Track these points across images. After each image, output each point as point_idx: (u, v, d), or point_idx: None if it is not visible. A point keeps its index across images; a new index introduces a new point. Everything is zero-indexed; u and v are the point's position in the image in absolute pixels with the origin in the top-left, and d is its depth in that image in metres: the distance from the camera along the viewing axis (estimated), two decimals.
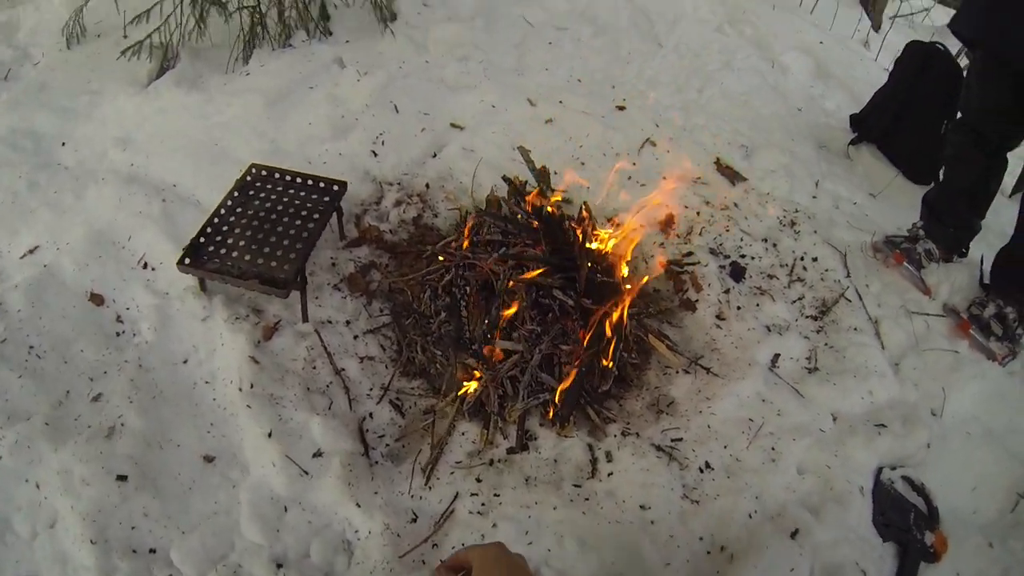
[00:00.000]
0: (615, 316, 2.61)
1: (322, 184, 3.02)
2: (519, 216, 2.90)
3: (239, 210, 2.90)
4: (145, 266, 2.95)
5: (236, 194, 2.96)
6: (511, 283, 2.63)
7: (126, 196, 3.13)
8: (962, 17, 3.04)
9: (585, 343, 2.56)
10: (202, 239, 2.75)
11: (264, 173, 3.06)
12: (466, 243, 2.93)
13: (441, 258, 2.96)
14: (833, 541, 2.32)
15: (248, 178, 3.04)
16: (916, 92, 3.89)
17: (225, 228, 2.82)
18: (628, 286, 2.78)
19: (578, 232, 2.84)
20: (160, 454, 2.38)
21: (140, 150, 3.41)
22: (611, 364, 2.65)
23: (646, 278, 3.00)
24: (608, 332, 2.60)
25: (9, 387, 2.47)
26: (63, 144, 3.56)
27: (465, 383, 2.61)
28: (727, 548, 2.30)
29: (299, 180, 3.04)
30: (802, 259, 3.29)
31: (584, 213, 3.02)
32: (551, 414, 2.57)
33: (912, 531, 2.45)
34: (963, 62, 3.97)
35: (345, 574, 2.19)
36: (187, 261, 2.66)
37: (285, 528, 2.25)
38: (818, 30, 5.14)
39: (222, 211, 2.88)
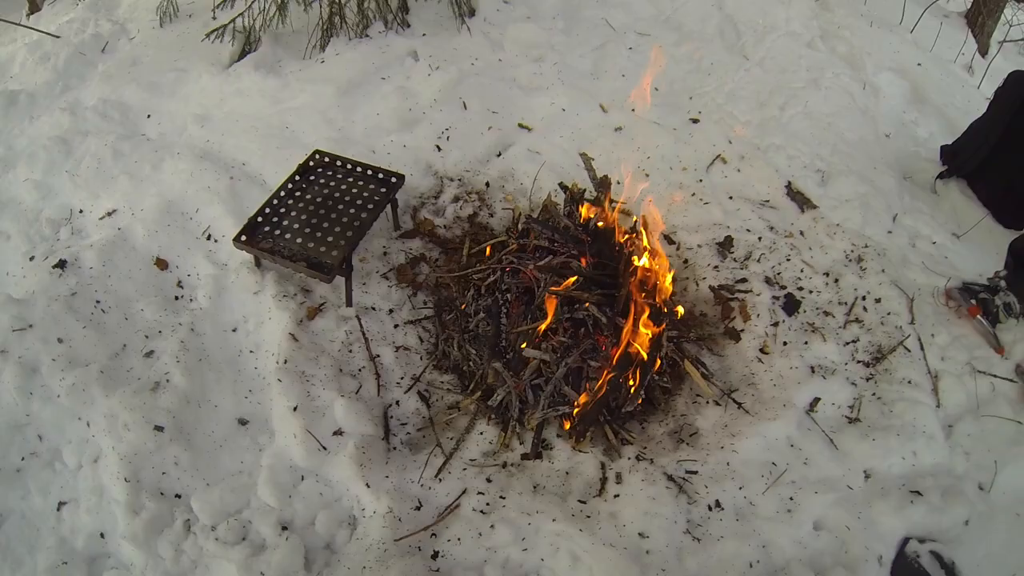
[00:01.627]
0: (648, 338, 2.69)
1: (380, 175, 3.27)
2: (566, 226, 3.04)
3: (298, 194, 3.19)
4: (209, 238, 3.31)
5: (297, 178, 3.25)
6: (548, 295, 2.77)
7: (198, 171, 3.50)
8: None
9: (614, 361, 2.66)
10: (260, 219, 3.06)
11: (326, 159, 3.35)
12: (514, 246, 3.09)
13: (488, 257, 3.14)
14: None
15: (310, 163, 3.33)
16: (1015, 127, 3.70)
17: (283, 210, 3.11)
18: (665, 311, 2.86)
19: (626, 249, 2.95)
20: (197, 412, 2.73)
21: (216, 128, 3.79)
22: (635, 387, 2.73)
23: (680, 310, 3.02)
24: (639, 354, 2.68)
25: (74, 336, 2.89)
26: (148, 116, 4.01)
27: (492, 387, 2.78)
28: None
29: (359, 169, 3.30)
30: (864, 299, 3.19)
31: (640, 228, 3.11)
32: (568, 427, 2.71)
33: None
34: None
35: (344, 547, 2.43)
36: (243, 238, 2.98)
37: (297, 496, 2.53)
38: (918, 50, 5.00)
39: (282, 193, 3.18)
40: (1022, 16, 6.61)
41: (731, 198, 3.63)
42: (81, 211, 3.52)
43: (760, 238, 3.42)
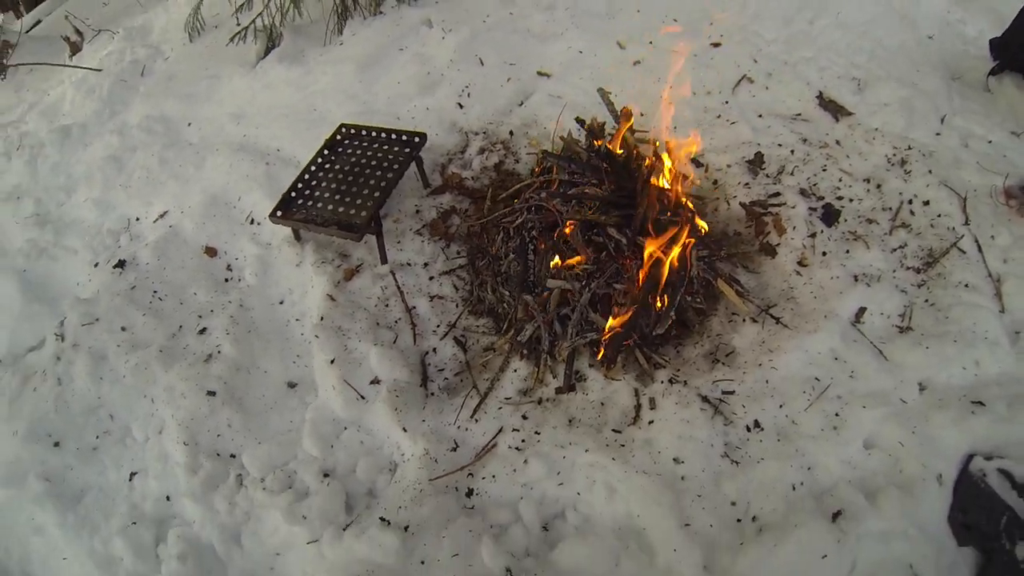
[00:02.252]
0: (674, 256, 2.64)
1: (404, 137, 3.41)
2: (580, 155, 3.08)
3: (327, 166, 3.37)
4: (252, 221, 3.54)
5: (326, 152, 3.43)
6: (568, 224, 2.80)
7: (236, 162, 3.76)
8: None
9: (640, 284, 2.65)
10: (293, 193, 3.25)
11: (352, 131, 3.51)
12: (536, 184, 3.16)
13: (515, 200, 3.22)
14: (884, 534, 2.13)
15: (338, 137, 3.50)
16: None
17: (314, 183, 3.30)
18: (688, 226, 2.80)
19: (644, 170, 2.96)
20: (248, 378, 2.96)
21: (251, 122, 4.05)
22: (664, 308, 2.69)
23: (702, 223, 2.93)
24: (664, 273, 2.64)
25: (135, 323, 3.21)
26: (188, 124, 4.31)
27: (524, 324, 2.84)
28: (759, 519, 2.25)
29: (383, 135, 3.45)
30: (910, 202, 3.08)
31: (653, 152, 3.10)
32: (600, 355, 2.72)
33: (1002, 538, 2.13)
34: None
35: (384, 490, 2.56)
36: (279, 213, 3.18)
37: (339, 445, 2.70)
38: None
39: (312, 168, 3.36)
40: None
41: (760, 116, 3.57)
42: (137, 219, 3.82)
43: (793, 151, 3.36)
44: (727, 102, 3.66)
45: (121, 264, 3.48)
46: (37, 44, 6.55)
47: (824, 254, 2.94)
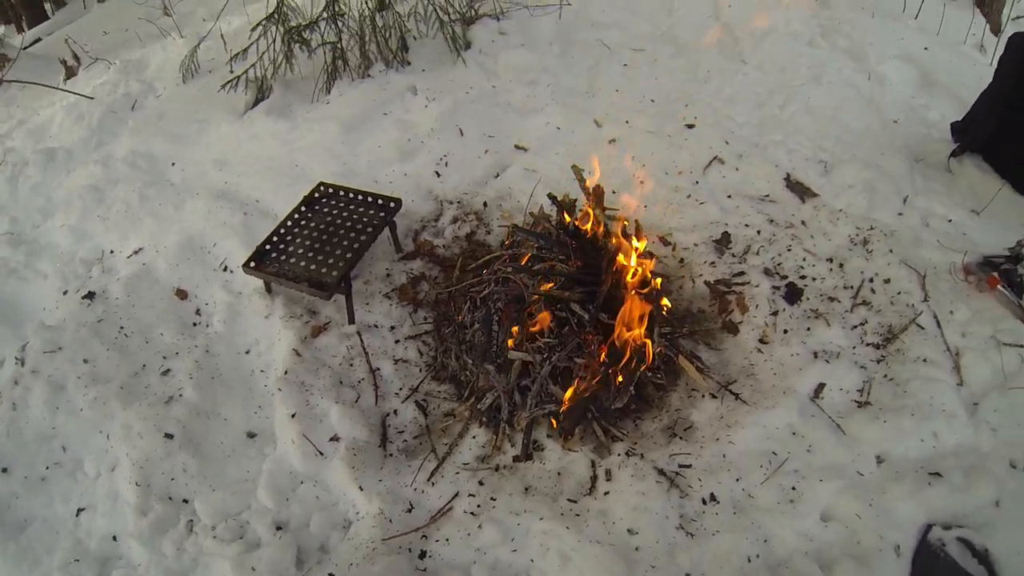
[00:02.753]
0: (635, 332, 2.75)
1: (380, 201, 3.53)
2: (549, 232, 3.21)
3: (303, 222, 3.47)
4: (225, 269, 3.62)
5: (303, 208, 3.54)
6: (535, 296, 2.91)
7: (215, 209, 3.84)
8: None
9: (601, 358, 2.75)
10: (268, 246, 3.34)
11: (330, 190, 3.63)
12: (505, 257, 3.28)
13: (484, 271, 3.34)
14: None
15: (316, 194, 3.62)
16: (1023, 90, 3.59)
17: (289, 237, 3.39)
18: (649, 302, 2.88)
19: (611, 248, 3.09)
20: (207, 424, 3.01)
21: (233, 171, 4.15)
22: (622, 383, 2.79)
23: (666, 301, 3.05)
24: (626, 349, 2.74)
25: (98, 357, 3.26)
26: (172, 164, 4.41)
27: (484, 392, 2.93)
28: None
29: (359, 197, 3.57)
30: (871, 280, 3.21)
31: (620, 230, 3.23)
32: (556, 426, 2.81)
33: None
34: None
35: (337, 547, 2.59)
36: (252, 264, 3.26)
37: (295, 498, 2.74)
38: (924, 36, 4.97)
39: (288, 223, 3.46)
40: None
41: (729, 196, 3.71)
42: (112, 251, 3.90)
43: (759, 231, 3.49)
44: (697, 182, 3.81)
45: (90, 296, 3.55)
46: (34, 62, 6.75)
47: (785, 332, 3.05)
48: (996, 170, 3.83)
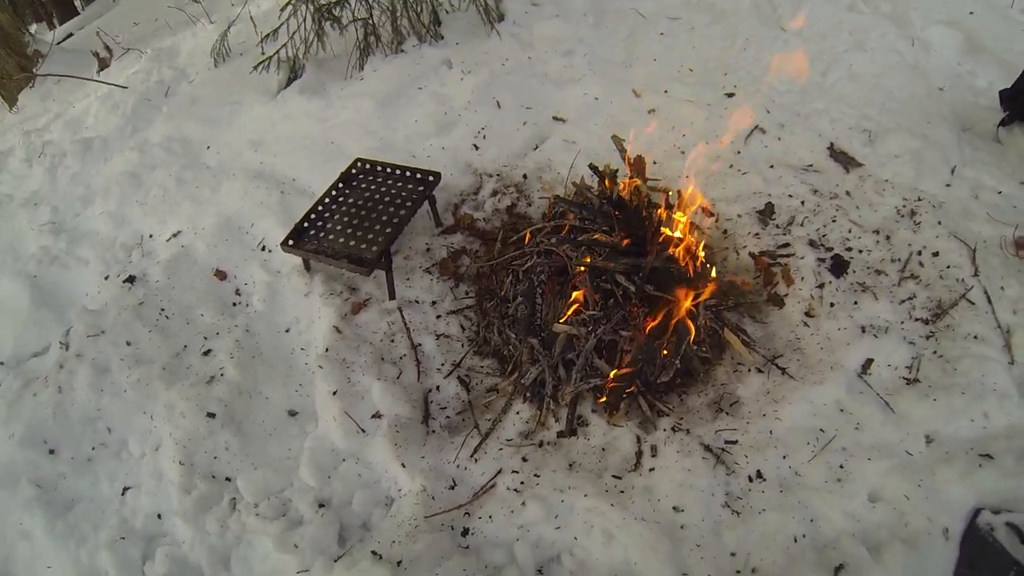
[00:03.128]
0: (682, 306, 2.71)
1: (418, 175, 3.51)
2: (592, 202, 3.17)
3: (341, 199, 3.47)
4: (263, 248, 3.64)
5: (340, 185, 3.54)
6: (579, 269, 2.88)
7: (252, 189, 3.87)
8: None
9: (647, 331, 2.72)
10: (306, 224, 3.35)
11: (367, 166, 3.62)
12: (547, 229, 3.25)
13: (525, 244, 3.31)
14: None
15: (353, 171, 3.61)
16: None
17: (327, 215, 3.40)
18: (703, 277, 2.90)
19: (655, 219, 3.04)
20: (249, 402, 3.03)
21: (268, 151, 4.17)
22: (668, 356, 2.76)
23: (714, 272, 3.02)
24: (671, 322, 2.72)
25: (140, 339, 3.31)
26: (207, 147, 4.44)
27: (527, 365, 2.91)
28: (758, 571, 2.26)
29: (397, 172, 3.56)
30: (919, 253, 3.12)
31: (664, 200, 3.20)
32: (602, 401, 2.79)
33: None
34: None
35: (379, 524, 2.61)
36: (291, 243, 3.27)
37: (336, 476, 2.75)
38: None
39: (326, 200, 3.46)
40: None
41: (772, 167, 3.65)
42: (151, 236, 3.94)
43: (803, 202, 3.43)
44: (739, 152, 3.75)
45: (131, 279, 3.60)
46: (67, 56, 6.88)
47: (832, 305, 2.99)
48: None
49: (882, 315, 2.92)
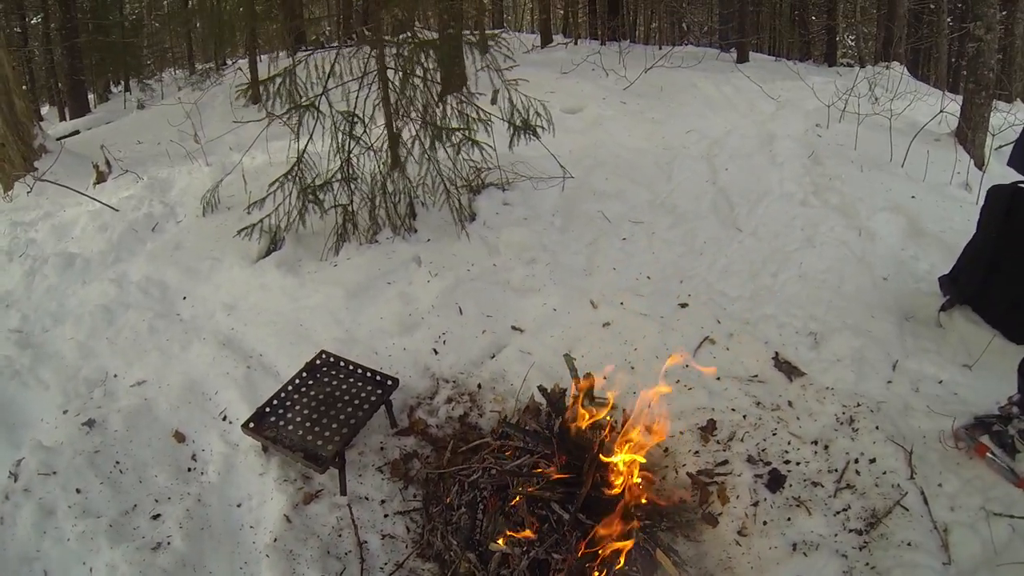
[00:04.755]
0: (613, 529, 2.95)
1: (378, 377, 3.86)
2: (535, 430, 3.48)
3: (304, 389, 3.79)
4: (224, 418, 3.91)
5: (304, 375, 3.87)
6: (515, 499, 3.17)
7: (220, 356, 4.19)
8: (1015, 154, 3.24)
9: (579, 554, 2.95)
10: (267, 409, 3.65)
11: (331, 360, 3.98)
12: (494, 446, 3.55)
13: (474, 456, 3.61)
14: None
15: (317, 362, 3.97)
16: (1006, 240, 3.81)
17: (288, 403, 3.70)
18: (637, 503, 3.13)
19: (597, 443, 3.27)
20: None
21: (240, 318, 4.53)
22: None
23: (644, 500, 3.19)
24: (602, 547, 2.94)
25: (91, 489, 3.46)
26: (184, 298, 4.81)
27: None
28: None
29: (359, 371, 3.91)
30: (856, 461, 3.28)
31: (608, 426, 3.42)
32: None
33: None
34: None
35: None
36: (251, 426, 3.57)
37: None
38: (911, 183, 5.24)
39: (289, 388, 3.78)
40: (1012, 116, 6.81)
41: (718, 379, 3.89)
42: (115, 375, 4.21)
43: (745, 416, 3.63)
44: (687, 366, 3.95)
45: (90, 423, 3.79)
46: (69, 157, 7.41)
47: (765, 523, 3.11)
48: (987, 320, 3.99)
49: (815, 530, 3.04)
